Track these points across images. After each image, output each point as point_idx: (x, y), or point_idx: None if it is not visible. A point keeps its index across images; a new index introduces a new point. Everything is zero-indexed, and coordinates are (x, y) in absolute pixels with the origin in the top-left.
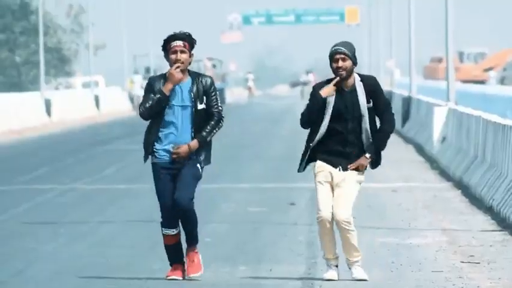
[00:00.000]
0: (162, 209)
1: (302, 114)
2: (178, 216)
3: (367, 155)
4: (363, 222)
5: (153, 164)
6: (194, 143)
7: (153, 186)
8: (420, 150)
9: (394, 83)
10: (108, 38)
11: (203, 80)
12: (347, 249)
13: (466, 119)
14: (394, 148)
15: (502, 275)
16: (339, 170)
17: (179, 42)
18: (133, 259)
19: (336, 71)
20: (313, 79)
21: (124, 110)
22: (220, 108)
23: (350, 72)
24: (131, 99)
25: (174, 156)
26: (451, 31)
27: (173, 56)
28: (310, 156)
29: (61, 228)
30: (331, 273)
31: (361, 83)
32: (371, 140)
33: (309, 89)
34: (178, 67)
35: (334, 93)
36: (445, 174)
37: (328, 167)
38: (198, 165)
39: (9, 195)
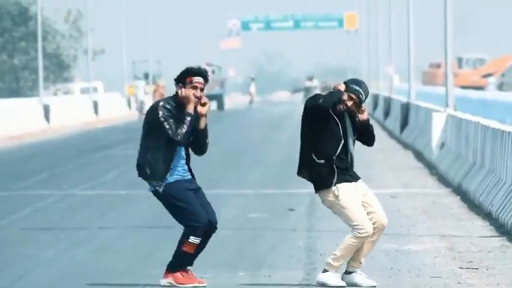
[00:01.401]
0: (201, 220)
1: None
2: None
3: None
4: None
5: (176, 182)
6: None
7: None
8: (419, 156)
9: (393, 89)
10: (107, 44)
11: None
12: (368, 253)
13: (465, 125)
14: (393, 154)
15: (501, 281)
16: (356, 182)
17: (201, 79)
18: (133, 265)
19: (342, 103)
20: (318, 84)
21: (123, 115)
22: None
23: (354, 107)
24: (139, 103)
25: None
26: (450, 37)
27: (192, 91)
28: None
29: (61, 234)
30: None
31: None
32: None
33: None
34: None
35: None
36: (443, 180)
37: (350, 184)
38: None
39: (8, 201)
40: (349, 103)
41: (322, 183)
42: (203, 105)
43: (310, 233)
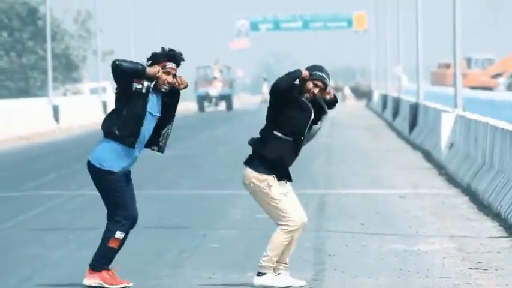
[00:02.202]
0: (127, 214)
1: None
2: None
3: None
4: (370, 229)
5: (115, 173)
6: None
7: (159, 192)
8: (428, 156)
9: (402, 89)
10: (115, 44)
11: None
12: (289, 253)
13: (474, 125)
14: (402, 154)
15: (510, 282)
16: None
17: (175, 66)
18: (141, 265)
19: (308, 92)
20: (333, 84)
21: None
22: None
23: (321, 96)
24: None
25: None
26: (459, 37)
27: (165, 77)
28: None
29: (70, 235)
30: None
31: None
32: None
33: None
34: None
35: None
36: (452, 181)
37: (281, 182)
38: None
39: (17, 201)
40: (316, 90)
41: (261, 164)
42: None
43: (319, 233)
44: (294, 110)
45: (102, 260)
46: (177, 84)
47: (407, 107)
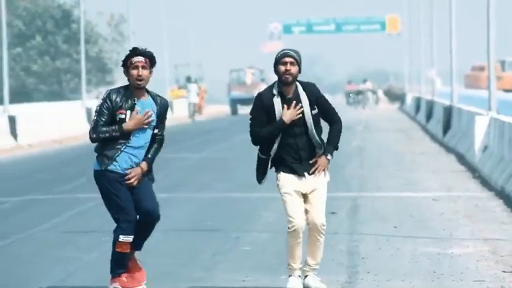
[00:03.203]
0: (126, 217)
1: (256, 134)
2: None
3: (328, 156)
4: (404, 232)
5: (110, 172)
6: (144, 165)
7: (193, 194)
8: (461, 159)
9: (435, 92)
10: (148, 47)
11: (163, 102)
12: (315, 254)
13: (508, 128)
14: (436, 157)
15: None
16: (304, 174)
17: (141, 58)
18: (175, 268)
19: (283, 74)
20: (371, 87)
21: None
22: (163, 133)
23: (295, 79)
24: (192, 107)
25: (132, 180)
26: (493, 39)
27: (134, 72)
28: (265, 167)
29: (103, 237)
30: (295, 281)
31: (303, 91)
32: (320, 143)
33: (364, 97)
34: (148, 117)
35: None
36: (486, 184)
37: (292, 177)
38: (151, 173)
39: (50, 204)
40: (287, 67)
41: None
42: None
43: (352, 236)
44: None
45: (114, 265)
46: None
47: (440, 110)
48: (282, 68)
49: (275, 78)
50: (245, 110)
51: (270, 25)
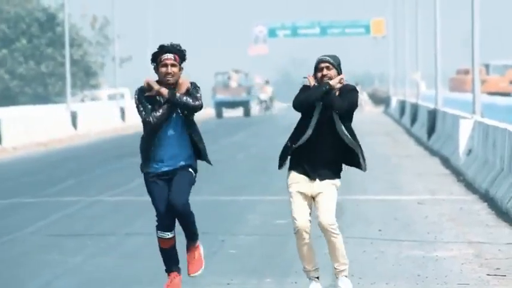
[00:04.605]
0: (158, 214)
1: (297, 98)
2: (173, 219)
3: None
4: (388, 235)
5: (146, 174)
6: (164, 90)
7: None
8: (446, 162)
9: (420, 95)
10: (134, 51)
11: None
12: (335, 256)
13: (492, 132)
14: (420, 161)
15: None
16: (315, 179)
17: (170, 55)
18: (161, 271)
19: (320, 80)
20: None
21: None
22: (201, 100)
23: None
24: None
25: (151, 92)
26: (477, 43)
27: (163, 69)
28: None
29: (88, 240)
30: (314, 286)
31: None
32: (355, 144)
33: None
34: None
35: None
36: (471, 187)
37: (302, 177)
38: (191, 170)
39: (36, 207)
40: (324, 72)
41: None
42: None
43: None
44: (304, 119)
45: (164, 262)
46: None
47: (425, 113)
48: (319, 74)
49: (260, 81)
50: (230, 113)
51: (255, 29)
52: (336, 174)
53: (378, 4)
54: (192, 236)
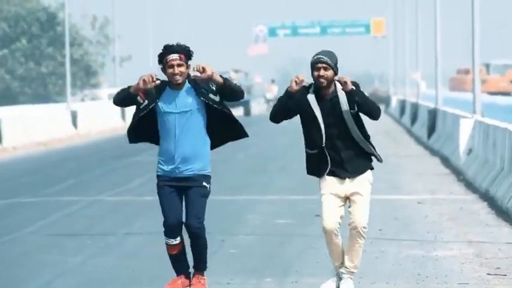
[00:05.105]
0: (165, 223)
1: (274, 106)
2: (181, 226)
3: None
4: (388, 235)
5: (158, 176)
6: (218, 77)
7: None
8: (446, 162)
9: (420, 95)
10: (134, 50)
11: (202, 80)
12: (352, 257)
13: (493, 131)
14: (420, 160)
15: None
16: (345, 178)
17: (175, 56)
18: (161, 271)
19: (316, 79)
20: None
21: None
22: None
23: (331, 82)
24: None
25: (201, 70)
26: (478, 43)
27: (170, 70)
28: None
29: (88, 240)
30: (327, 285)
31: (342, 91)
32: (364, 141)
33: None
34: (154, 81)
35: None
36: (471, 186)
37: (333, 179)
38: (205, 183)
39: (36, 207)
40: (320, 73)
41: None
42: (200, 70)
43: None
44: (308, 122)
45: (173, 267)
46: (196, 69)
47: (425, 113)
48: (316, 73)
49: (260, 81)
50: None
51: (255, 28)
52: (365, 166)
53: (378, 4)
54: (199, 265)
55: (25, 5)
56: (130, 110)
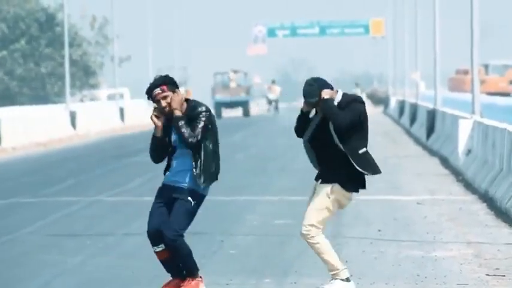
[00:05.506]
0: (148, 228)
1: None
2: (160, 235)
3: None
4: (388, 235)
5: (161, 185)
6: (176, 112)
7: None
8: (445, 162)
9: (419, 95)
10: (133, 50)
11: (196, 108)
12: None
13: (492, 132)
14: (419, 161)
15: None
16: (318, 182)
17: (157, 90)
18: (160, 272)
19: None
20: (359, 92)
21: (149, 122)
22: (198, 137)
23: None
24: None
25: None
26: (477, 43)
27: (158, 105)
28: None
29: (87, 241)
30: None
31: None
32: (347, 158)
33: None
34: (155, 112)
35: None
36: (470, 187)
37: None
38: (190, 198)
39: (35, 207)
40: (309, 107)
41: None
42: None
43: (336, 239)
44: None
45: (166, 271)
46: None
47: (424, 113)
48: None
49: (259, 81)
50: (229, 114)
51: (254, 28)
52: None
53: (377, 4)
54: (185, 271)
55: (24, 5)
56: (130, 111)
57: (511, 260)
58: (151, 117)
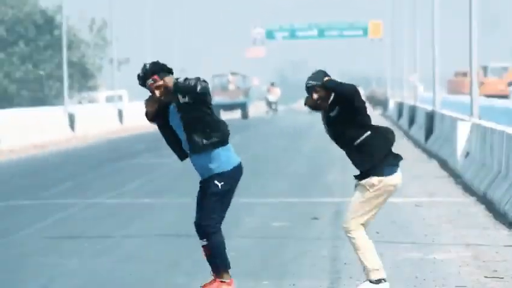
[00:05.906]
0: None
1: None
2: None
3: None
4: (386, 237)
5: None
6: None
7: (176, 200)
8: (444, 165)
9: (418, 97)
10: (131, 53)
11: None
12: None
13: (490, 134)
14: (418, 163)
15: None
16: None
17: (150, 81)
18: (158, 274)
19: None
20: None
21: (147, 124)
22: (202, 83)
23: (327, 97)
24: None
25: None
26: (475, 45)
27: (154, 96)
28: None
29: (85, 243)
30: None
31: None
32: (367, 143)
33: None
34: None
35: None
36: (468, 189)
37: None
38: (216, 181)
39: (33, 209)
40: (315, 97)
41: None
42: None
43: (335, 241)
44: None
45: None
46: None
47: (423, 116)
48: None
49: (257, 84)
50: (228, 116)
51: (253, 31)
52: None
53: (376, 6)
54: (212, 268)
55: (22, 8)
56: (129, 113)
57: (510, 262)
58: (147, 99)
